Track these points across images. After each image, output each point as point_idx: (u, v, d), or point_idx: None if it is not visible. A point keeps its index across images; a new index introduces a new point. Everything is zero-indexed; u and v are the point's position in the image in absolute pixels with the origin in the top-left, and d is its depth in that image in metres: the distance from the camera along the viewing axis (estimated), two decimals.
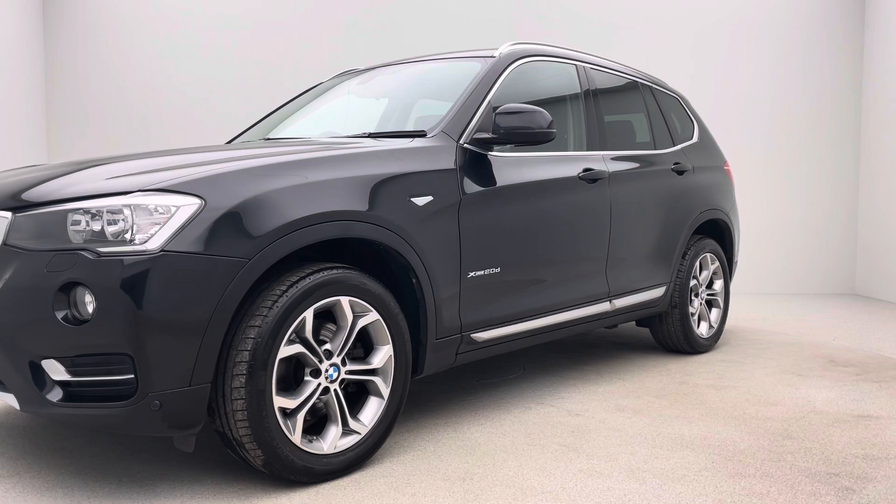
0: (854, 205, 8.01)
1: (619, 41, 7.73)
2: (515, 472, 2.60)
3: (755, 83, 7.97)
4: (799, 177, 8.01)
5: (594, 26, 7.78)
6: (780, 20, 7.92)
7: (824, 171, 8.03)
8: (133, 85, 7.10)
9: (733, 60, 7.98)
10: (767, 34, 7.92)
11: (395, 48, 7.00)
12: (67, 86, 7.00)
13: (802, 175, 8.01)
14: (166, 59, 7.15)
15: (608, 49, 6.48)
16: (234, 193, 2.28)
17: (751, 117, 7.94)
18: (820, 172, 8.00)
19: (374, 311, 2.62)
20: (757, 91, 7.97)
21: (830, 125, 7.96)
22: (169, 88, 7.15)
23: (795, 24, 7.90)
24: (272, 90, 6.87)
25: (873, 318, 6.35)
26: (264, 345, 2.29)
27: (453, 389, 3.74)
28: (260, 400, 2.28)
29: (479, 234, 3.07)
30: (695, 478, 2.56)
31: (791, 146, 8.00)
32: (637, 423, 3.19)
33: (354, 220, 2.54)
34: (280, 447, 2.34)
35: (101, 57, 7.07)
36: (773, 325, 5.86)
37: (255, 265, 2.26)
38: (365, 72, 4.15)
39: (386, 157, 2.80)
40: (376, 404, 2.68)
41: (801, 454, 2.80)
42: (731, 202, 5.11)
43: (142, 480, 2.50)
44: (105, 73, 7.07)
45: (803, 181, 8.02)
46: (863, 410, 3.40)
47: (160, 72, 7.14)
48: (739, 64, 7.98)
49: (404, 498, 2.37)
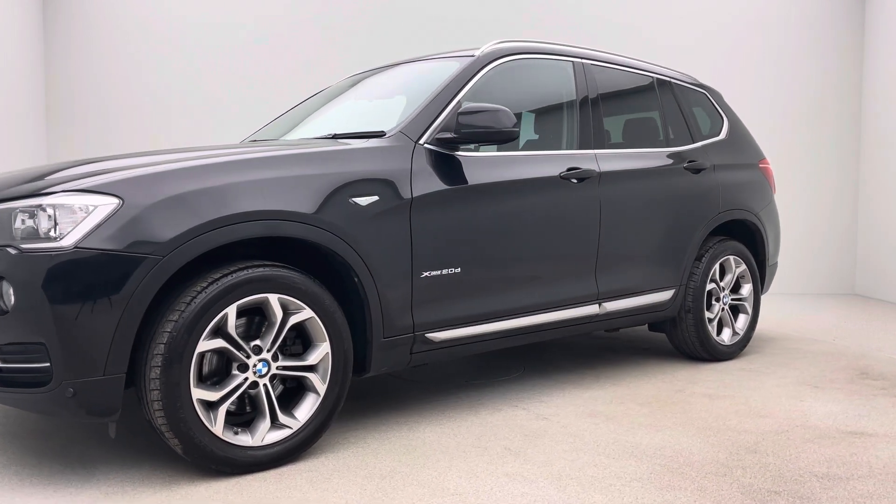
0: (854, 205, 7.99)
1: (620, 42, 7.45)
2: (440, 473, 2.58)
3: (755, 84, 7.77)
4: (799, 177, 7.83)
5: (593, 26, 7.68)
6: (780, 21, 7.91)
7: (825, 172, 7.93)
8: (133, 85, 7.04)
9: (733, 61, 7.79)
10: (767, 35, 7.90)
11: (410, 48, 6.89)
12: (67, 86, 6.97)
13: (803, 175, 7.85)
14: (166, 59, 7.09)
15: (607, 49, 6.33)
16: (152, 194, 2.39)
17: (751, 118, 7.56)
18: (820, 173, 7.93)
19: (308, 309, 2.68)
20: (757, 91, 7.77)
21: (831, 126, 7.94)
22: (169, 89, 7.09)
23: (795, 25, 7.91)
24: (272, 91, 6.91)
25: (873, 318, 6.28)
26: (180, 338, 2.38)
27: (438, 389, 3.74)
28: (175, 391, 2.39)
29: (436, 234, 3.06)
30: (622, 488, 2.46)
31: (791, 146, 7.77)
32: (601, 429, 3.08)
33: (281, 220, 2.60)
34: (198, 437, 2.44)
35: (101, 57, 7.01)
36: (818, 333, 5.51)
37: (169, 262, 2.36)
38: (372, 73, 4.20)
39: (328, 158, 2.84)
40: (312, 400, 2.74)
41: (755, 470, 2.63)
42: (765, 202, 4.82)
43: (84, 463, 2.66)
44: (105, 74, 7.01)
45: (803, 181, 7.84)
46: (859, 427, 3.14)
47: (160, 72, 7.08)
48: (739, 64, 7.81)
49: (316, 493, 2.41)
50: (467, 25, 7.47)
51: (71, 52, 6.95)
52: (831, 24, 7.89)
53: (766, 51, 7.87)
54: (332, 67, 6.89)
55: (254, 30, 7.26)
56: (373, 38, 7.45)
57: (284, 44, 7.30)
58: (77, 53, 6.96)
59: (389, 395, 3.63)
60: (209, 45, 7.16)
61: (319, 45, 7.40)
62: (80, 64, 6.96)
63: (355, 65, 5.24)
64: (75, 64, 6.95)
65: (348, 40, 7.40)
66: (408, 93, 3.78)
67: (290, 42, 7.32)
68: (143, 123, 7.05)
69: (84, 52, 6.96)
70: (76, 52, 6.95)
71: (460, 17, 7.52)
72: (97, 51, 7.02)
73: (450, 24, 7.47)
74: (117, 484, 2.47)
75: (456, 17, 7.51)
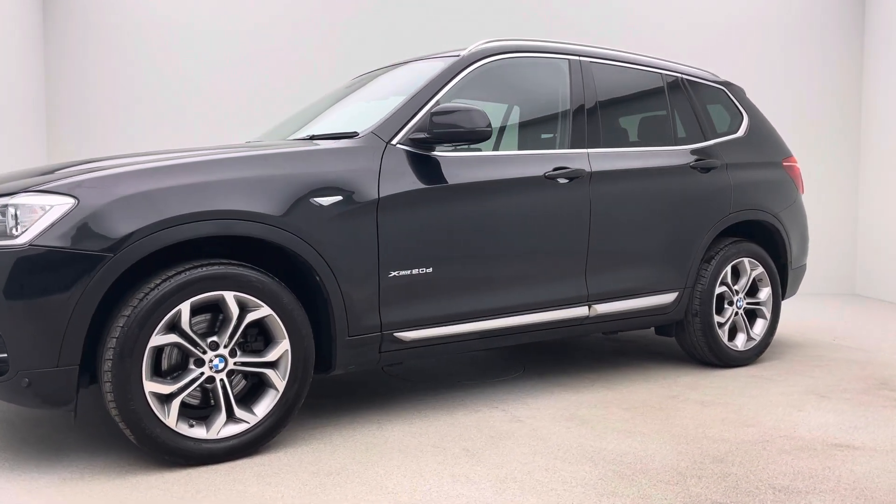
0: (854, 205, 7.94)
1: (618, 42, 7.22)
2: (386, 472, 2.60)
3: (755, 84, 7.41)
4: None
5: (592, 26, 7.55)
6: (780, 21, 7.86)
7: (825, 172, 7.75)
8: (133, 85, 7.03)
9: (733, 62, 7.56)
10: (767, 35, 7.84)
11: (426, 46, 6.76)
12: (67, 86, 6.95)
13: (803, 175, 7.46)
14: (167, 59, 7.07)
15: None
16: (106, 194, 2.49)
17: None
18: (820, 173, 7.76)
19: (266, 307, 2.74)
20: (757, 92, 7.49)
21: (831, 126, 7.86)
22: (170, 89, 7.07)
23: (795, 26, 7.85)
24: (273, 92, 6.90)
25: (873, 318, 6.24)
26: (131, 333, 2.48)
27: (428, 388, 3.75)
28: (125, 384, 2.48)
29: (406, 234, 3.07)
30: (562, 493, 2.41)
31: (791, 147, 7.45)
32: (571, 433, 3.03)
33: (234, 220, 2.66)
34: (150, 428, 2.53)
35: (101, 57, 7.00)
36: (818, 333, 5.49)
37: (120, 260, 2.46)
38: (379, 72, 4.21)
39: (289, 159, 2.90)
40: (272, 397, 2.80)
41: (711, 480, 2.53)
42: (787, 202, 4.61)
43: (54, 450, 2.80)
44: (105, 74, 7.00)
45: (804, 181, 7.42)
46: (848, 440, 2.97)
47: (161, 72, 7.07)
48: (739, 65, 7.60)
49: (257, 487, 2.47)
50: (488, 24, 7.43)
51: (71, 53, 6.90)
52: (831, 24, 7.89)
53: (765, 51, 7.84)
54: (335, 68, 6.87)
55: (255, 30, 7.19)
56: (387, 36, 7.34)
57: (286, 44, 7.23)
58: (77, 54, 6.90)
59: (376, 393, 3.66)
60: (210, 45, 7.10)
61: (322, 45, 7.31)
62: (80, 64, 6.91)
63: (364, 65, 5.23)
64: (75, 64, 6.91)
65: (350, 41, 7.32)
66: (404, 93, 3.81)
67: (291, 42, 7.25)
68: (144, 124, 7.00)
69: (84, 52, 6.92)
70: (76, 52, 6.90)
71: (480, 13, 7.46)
72: (97, 51, 6.98)
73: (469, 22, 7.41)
74: (78, 470, 2.59)
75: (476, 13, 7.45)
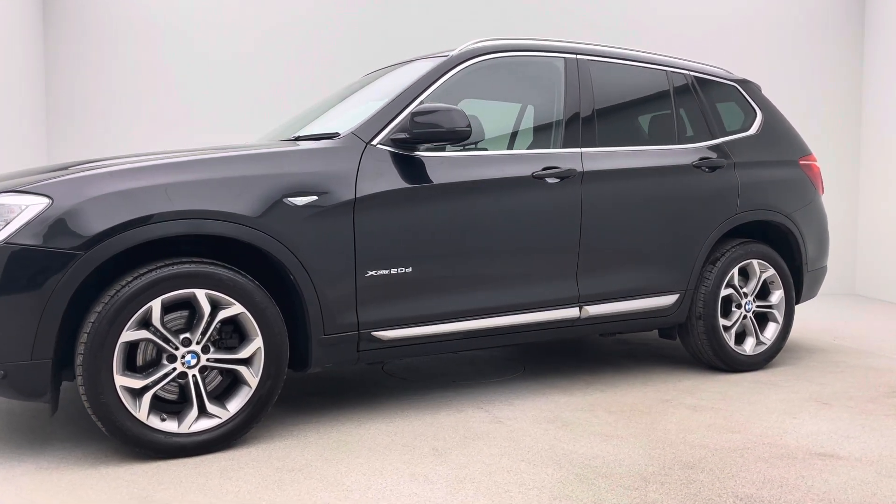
0: (854, 205, 7.90)
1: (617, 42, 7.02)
2: (349, 470, 2.62)
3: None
4: None
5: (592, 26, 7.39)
6: (780, 21, 7.77)
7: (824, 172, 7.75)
8: (134, 85, 6.96)
9: (733, 62, 7.19)
10: (767, 35, 7.74)
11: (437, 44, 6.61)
12: (67, 86, 6.88)
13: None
14: (168, 59, 7.02)
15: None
16: (79, 195, 2.59)
17: None
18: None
19: (238, 304, 2.79)
20: None
21: (831, 126, 7.78)
22: (170, 89, 7.02)
23: (795, 25, 7.78)
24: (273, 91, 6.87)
25: (873, 318, 6.25)
26: (102, 329, 2.57)
27: (419, 388, 3.76)
28: (96, 377, 2.57)
29: (385, 234, 3.09)
30: (515, 495, 2.39)
31: None
32: (547, 435, 2.99)
33: (204, 219, 2.72)
34: (120, 421, 2.61)
35: (102, 57, 6.93)
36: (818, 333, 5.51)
37: (91, 258, 2.55)
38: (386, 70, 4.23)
39: (263, 160, 2.95)
40: (245, 393, 2.85)
41: (674, 486, 2.47)
42: (802, 202, 4.45)
43: (40, 441, 2.91)
44: (106, 74, 6.94)
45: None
46: (834, 449, 2.86)
47: (161, 72, 7.01)
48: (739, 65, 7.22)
49: (218, 480, 2.52)
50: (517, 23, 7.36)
51: (71, 53, 6.85)
52: (831, 24, 7.82)
53: (765, 50, 7.73)
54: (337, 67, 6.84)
55: (257, 30, 7.12)
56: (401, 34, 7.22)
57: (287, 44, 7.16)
58: (77, 54, 6.86)
59: (367, 392, 3.69)
60: (210, 45, 7.05)
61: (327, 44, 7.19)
62: (81, 64, 6.86)
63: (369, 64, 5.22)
64: (76, 64, 6.86)
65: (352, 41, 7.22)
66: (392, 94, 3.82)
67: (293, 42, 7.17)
68: (144, 124, 6.95)
69: (84, 52, 6.86)
70: (76, 52, 6.86)
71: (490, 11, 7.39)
72: (98, 51, 6.92)
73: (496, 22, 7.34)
74: (56, 460, 2.69)
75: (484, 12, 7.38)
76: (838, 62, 7.86)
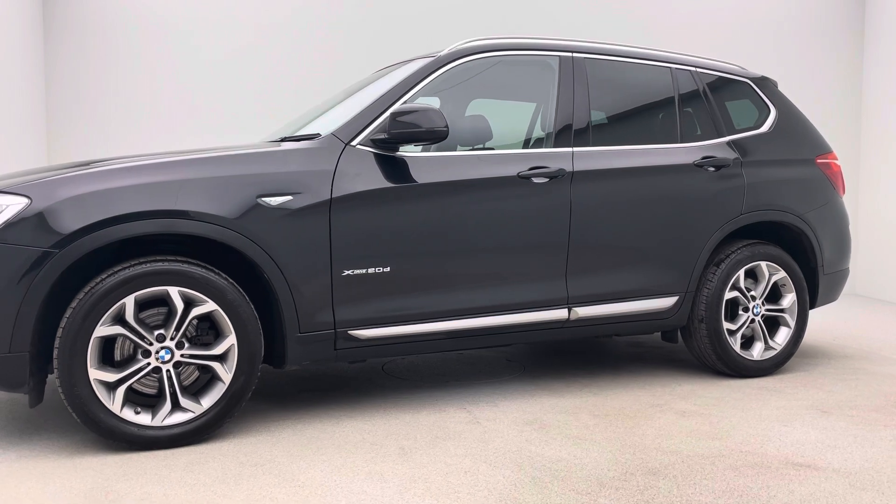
0: (854, 205, 7.73)
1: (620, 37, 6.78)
2: (308, 467, 2.65)
3: None
4: None
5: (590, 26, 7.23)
6: (780, 20, 7.68)
7: None
8: (134, 85, 6.92)
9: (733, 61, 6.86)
10: (767, 34, 7.66)
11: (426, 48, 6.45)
12: (67, 86, 6.84)
13: None
14: (168, 59, 6.98)
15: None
16: (55, 195, 2.70)
17: None
18: None
19: (211, 302, 2.86)
20: None
21: (830, 125, 7.36)
22: (170, 89, 6.97)
23: (795, 25, 7.72)
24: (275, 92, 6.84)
25: (873, 318, 6.21)
26: (76, 324, 2.67)
27: (413, 387, 3.77)
28: (71, 370, 2.68)
29: (361, 233, 3.12)
30: (464, 496, 2.38)
31: None
32: (519, 437, 2.97)
33: (175, 218, 2.80)
34: (94, 413, 2.71)
35: (102, 57, 6.88)
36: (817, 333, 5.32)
37: (65, 255, 2.66)
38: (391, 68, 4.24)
39: (238, 161, 3.01)
40: (219, 388, 2.92)
41: (629, 493, 2.42)
42: (818, 202, 4.27)
43: (28, 431, 3.05)
44: (106, 74, 6.89)
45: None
46: (815, 460, 2.75)
47: (161, 73, 6.97)
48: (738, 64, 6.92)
49: (180, 473, 2.59)
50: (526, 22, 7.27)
51: (71, 53, 6.84)
52: (831, 24, 7.76)
53: (765, 50, 7.61)
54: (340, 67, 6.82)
55: (257, 30, 7.08)
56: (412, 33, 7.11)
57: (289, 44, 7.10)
58: (77, 54, 6.85)
59: (357, 389, 3.72)
60: (211, 45, 7.02)
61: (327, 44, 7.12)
62: (81, 64, 6.85)
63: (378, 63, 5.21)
64: (75, 64, 6.85)
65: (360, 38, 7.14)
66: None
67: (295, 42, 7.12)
68: (144, 124, 6.92)
69: (84, 52, 6.85)
70: (76, 52, 6.85)
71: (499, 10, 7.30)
72: (98, 51, 6.90)
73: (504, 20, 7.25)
74: (37, 450, 2.82)
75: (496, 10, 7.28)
76: (838, 62, 7.80)
